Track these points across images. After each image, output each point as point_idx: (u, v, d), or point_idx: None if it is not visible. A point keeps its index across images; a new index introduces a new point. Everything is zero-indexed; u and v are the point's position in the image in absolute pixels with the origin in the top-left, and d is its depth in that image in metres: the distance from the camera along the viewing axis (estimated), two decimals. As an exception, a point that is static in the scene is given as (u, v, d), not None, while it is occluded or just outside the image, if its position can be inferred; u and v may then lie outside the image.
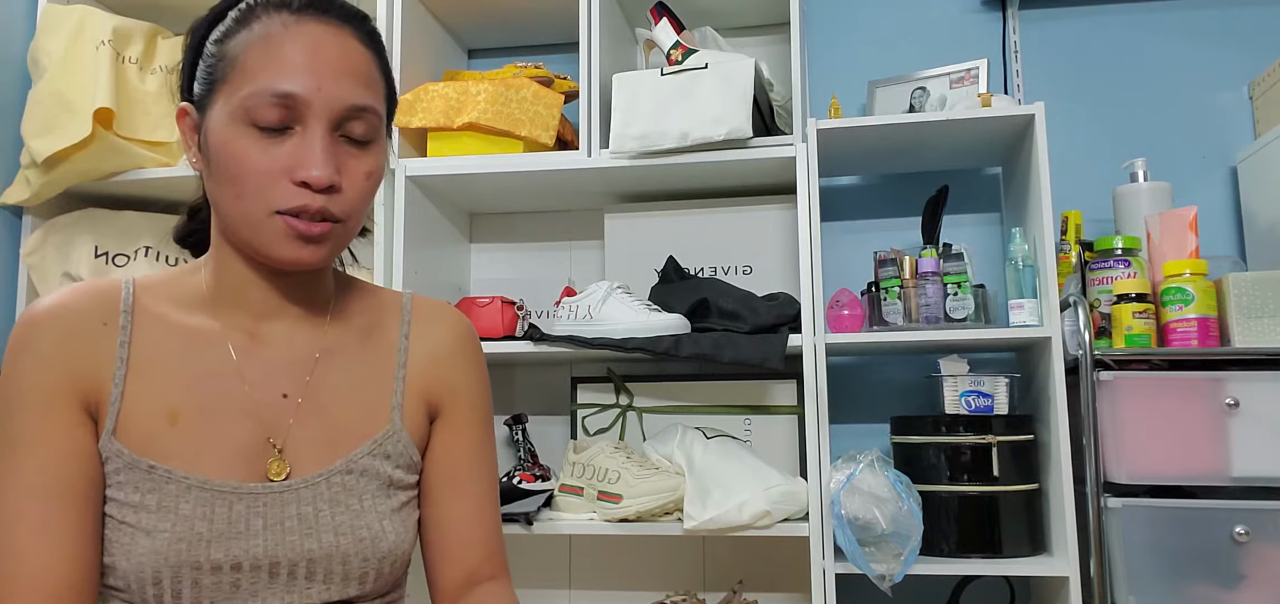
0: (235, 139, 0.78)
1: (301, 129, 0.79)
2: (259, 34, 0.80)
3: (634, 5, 1.95)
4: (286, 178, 0.78)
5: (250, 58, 0.79)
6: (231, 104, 0.79)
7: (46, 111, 1.78)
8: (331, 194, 0.80)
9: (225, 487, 0.81)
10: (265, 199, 0.78)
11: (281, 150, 0.78)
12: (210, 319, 0.87)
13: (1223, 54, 1.95)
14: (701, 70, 1.69)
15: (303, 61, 0.79)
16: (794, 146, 1.67)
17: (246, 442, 0.84)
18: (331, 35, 0.81)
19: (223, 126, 0.80)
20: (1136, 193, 1.75)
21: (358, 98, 0.81)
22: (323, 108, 0.79)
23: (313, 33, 0.80)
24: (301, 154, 0.78)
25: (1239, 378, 1.51)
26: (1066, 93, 1.99)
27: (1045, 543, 1.64)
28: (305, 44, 0.79)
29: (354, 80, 0.81)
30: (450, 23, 2.10)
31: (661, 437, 1.75)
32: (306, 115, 0.79)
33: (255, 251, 0.82)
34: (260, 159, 0.78)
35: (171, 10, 2.08)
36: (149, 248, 1.90)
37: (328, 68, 0.79)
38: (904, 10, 2.09)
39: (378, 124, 0.84)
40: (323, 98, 0.79)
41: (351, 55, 0.82)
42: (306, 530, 0.83)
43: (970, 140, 1.78)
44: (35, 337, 0.80)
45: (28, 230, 1.90)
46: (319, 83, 0.79)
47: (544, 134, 1.78)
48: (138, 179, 1.85)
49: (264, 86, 0.78)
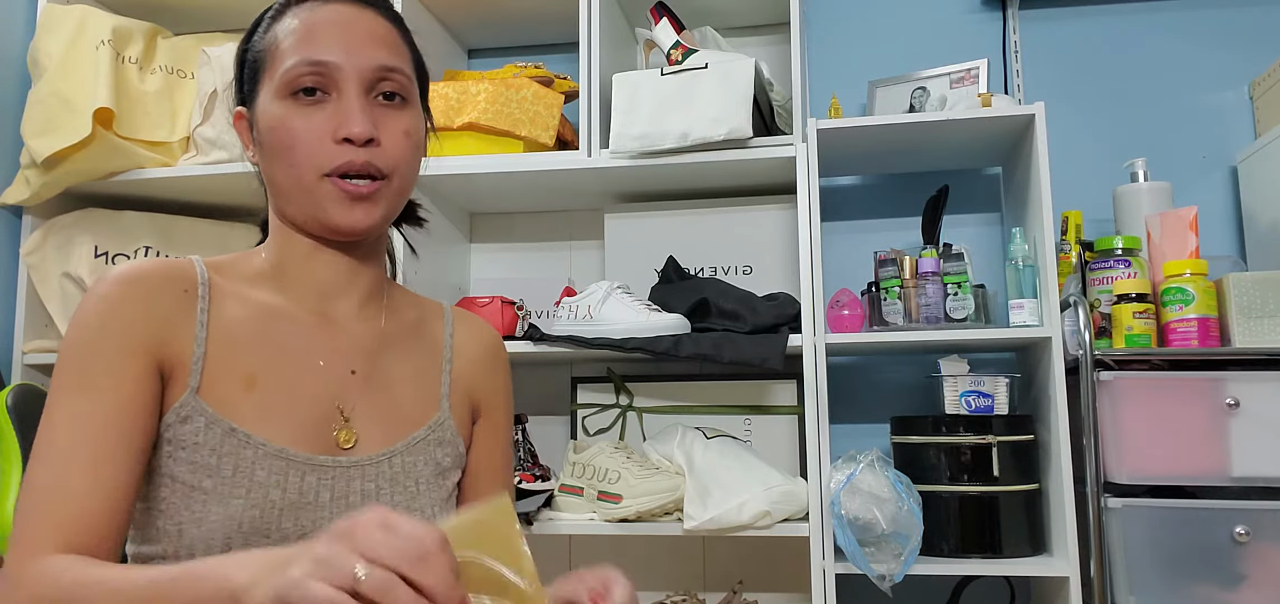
0: (280, 114, 0.85)
1: (337, 94, 0.86)
2: (290, 22, 0.88)
3: (634, 5, 1.95)
4: (329, 139, 0.84)
5: (285, 41, 0.87)
6: (273, 85, 0.86)
7: (46, 111, 1.78)
8: (373, 148, 0.85)
9: (298, 457, 0.84)
10: (314, 162, 0.84)
11: (322, 114, 0.85)
12: (278, 296, 0.91)
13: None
14: (701, 70, 1.69)
15: (332, 33, 0.86)
16: (794, 146, 1.67)
17: (317, 412, 0.87)
18: (356, 12, 0.89)
19: (268, 107, 0.87)
20: (1137, 193, 1.75)
21: (385, 59, 0.88)
22: (354, 71, 0.86)
23: (339, 11, 0.88)
24: (340, 115, 0.85)
25: (1239, 378, 1.51)
26: (1066, 93, 1.99)
27: (1045, 543, 1.64)
28: (333, 18, 0.87)
29: (380, 45, 0.88)
30: (450, 23, 2.10)
31: (661, 437, 1.75)
32: (340, 80, 0.85)
33: (312, 219, 0.87)
34: (304, 126, 0.85)
35: (171, 10, 2.08)
36: (149, 248, 1.90)
37: (355, 37, 0.87)
38: (904, 10, 2.09)
39: (408, 84, 0.90)
40: (353, 63, 0.86)
41: (376, 25, 0.89)
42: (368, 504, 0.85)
43: (970, 140, 1.78)
44: (117, 290, 0.83)
45: (28, 230, 1.90)
46: (348, 49, 0.86)
47: (544, 134, 1.78)
48: (137, 179, 1.85)
49: (299, 58, 0.85)
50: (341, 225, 0.86)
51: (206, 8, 2.09)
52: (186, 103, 1.93)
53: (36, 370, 1.88)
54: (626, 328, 1.66)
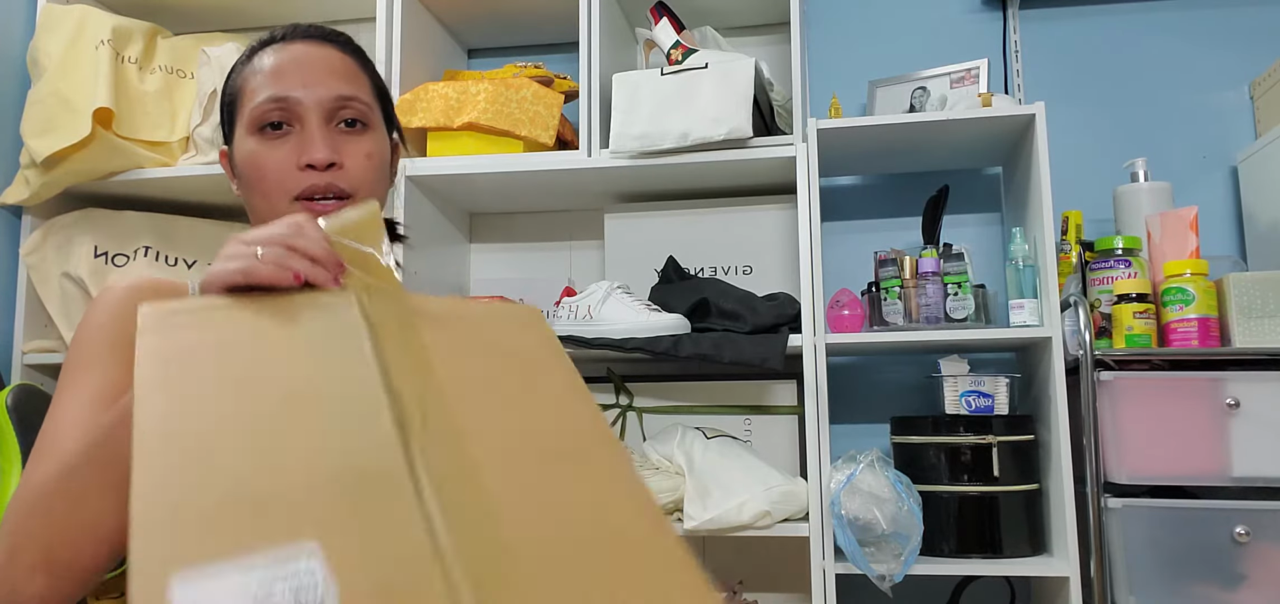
0: (252, 149, 0.92)
1: (300, 126, 0.92)
2: (256, 64, 0.95)
3: (634, 5, 1.95)
4: (294, 167, 0.91)
5: (252, 82, 0.94)
6: (244, 123, 0.93)
7: (46, 111, 1.78)
8: (335, 171, 0.91)
9: None
10: (283, 188, 0.91)
11: (287, 145, 0.92)
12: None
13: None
14: (701, 70, 1.68)
15: (293, 70, 0.93)
16: (794, 146, 1.67)
17: None
18: (313, 48, 0.96)
19: (242, 143, 0.94)
20: (1137, 193, 1.75)
21: (342, 88, 0.94)
22: (314, 103, 0.92)
23: (297, 49, 0.95)
24: (302, 144, 0.91)
25: (1239, 378, 1.51)
26: (1067, 93, 1.99)
27: (1045, 543, 1.64)
28: (294, 57, 0.94)
29: (336, 77, 0.94)
30: (450, 23, 2.10)
31: (661, 437, 1.74)
32: (301, 113, 0.92)
33: None
34: (271, 156, 0.91)
35: (171, 10, 2.08)
36: (149, 248, 1.90)
37: (314, 72, 0.93)
38: (904, 10, 2.09)
39: (367, 110, 0.96)
40: (312, 95, 0.92)
41: (332, 59, 0.96)
42: None
43: (970, 140, 1.78)
44: (111, 294, 0.89)
45: (27, 230, 1.90)
46: (307, 83, 0.92)
47: (544, 134, 1.78)
48: (137, 179, 1.85)
49: (265, 96, 0.92)
50: None
51: (206, 8, 2.09)
52: (186, 103, 1.93)
53: (36, 370, 1.88)
54: (626, 328, 1.66)
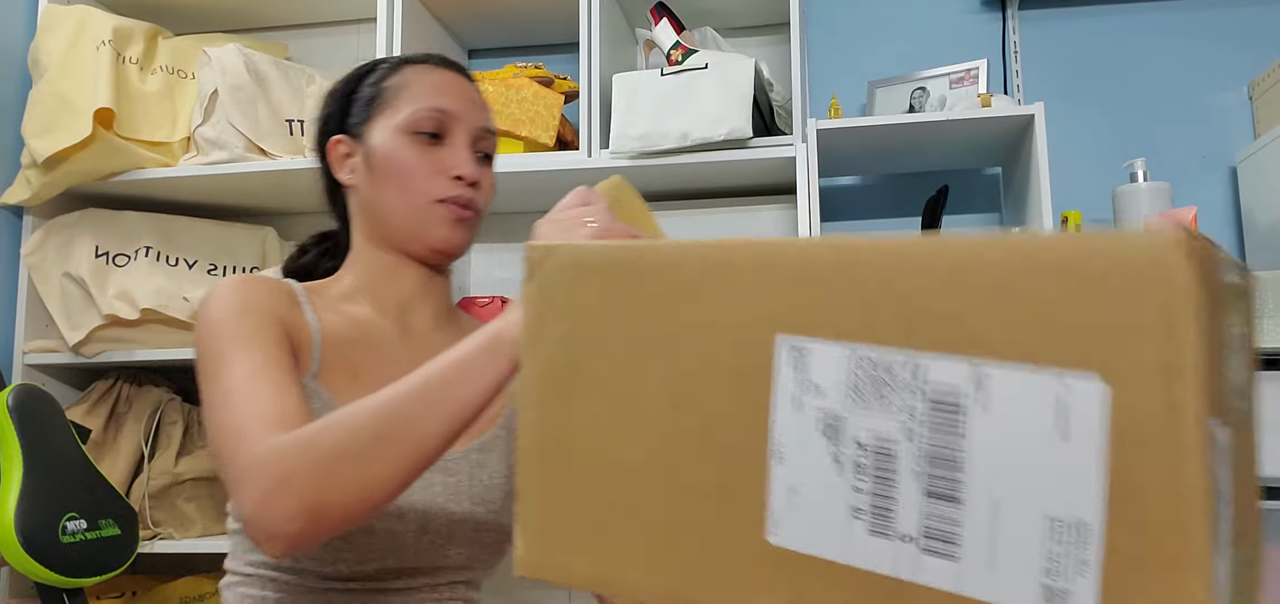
0: (401, 147, 0.99)
1: (449, 140, 1.00)
2: (414, 74, 1.03)
3: (634, 5, 1.95)
4: (443, 175, 0.99)
5: (411, 87, 1.01)
6: (394, 122, 1.00)
7: (47, 111, 1.78)
8: (474, 189, 1.00)
9: None
10: (427, 189, 0.98)
11: (437, 154, 0.99)
12: (364, 308, 1.01)
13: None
14: (701, 70, 1.69)
15: (452, 90, 1.02)
16: (794, 146, 1.67)
17: None
18: (464, 81, 1.06)
19: (387, 139, 1.00)
20: (1136, 193, 1.75)
21: (488, 122, 1.05)
22: (466, 125, 1.01)
23: (453, 76, 1.04)
24: (454, 157, 1.00)
25: (1239, 378, 1.50)
26: (1066, 93, 1.99)
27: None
28: (452, 80, 1.04)
29: (483, 111, 1.05)
30: (450, 23, 2.10)
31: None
32: (455, 128, 1.01)
33: (415, 237, 0.99)
34: (422, 161, 0.99)
35: (172, 10, 2.08)
36: (149, 248, 1.90)
37: (469, 100, 1.03)
38: (904, 10, 2.09)
39: (495, 149, 1.06)
40: (467, 118, 1.02)
41: (479, 96, 1.06)
42: (451, 495, 0.94)
43: (970, 140, 1.78)
44: (243, 281, 0.91)
45: (28, 230, 1.90)
46: (463, 107, 1.02)
47: (544, 134, 1.78)
48: (138, 179, 1.85)
49: (426, 104, 1.00)
50: (443, 241, 0.99)
51: (206, 8, 2.09)
52: (187, 103, 1.93)
53: (37, 370, 1.89)
54: (626, 328, 1.66)
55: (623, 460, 0.54)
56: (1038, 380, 0.42)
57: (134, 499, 1.79)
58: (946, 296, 0.44)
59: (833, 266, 0.48)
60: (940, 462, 0.44)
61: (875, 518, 0.46)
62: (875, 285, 0.46)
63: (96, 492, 1.47)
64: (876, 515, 0.46)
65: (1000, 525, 0.43)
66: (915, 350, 0.45)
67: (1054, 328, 0.42)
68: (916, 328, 0.45)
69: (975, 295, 0.44)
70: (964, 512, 0.44)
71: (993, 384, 0.43)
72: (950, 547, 0.44)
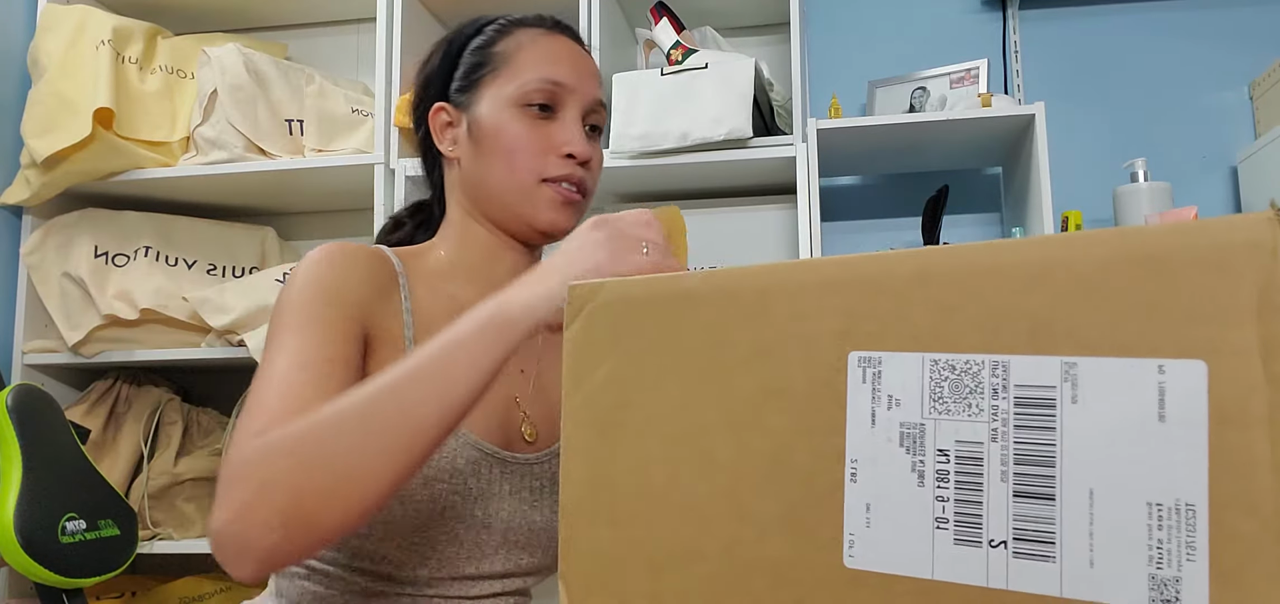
0: (509, 121, 0.92)
1: (561, 113, 0.94)
2: (526, 39, 0.95)
3: (634, 5, 1.95)
4: (553, 153, 0.92)
5: (521, 55, 0.94)
6: (504, 93, 0.93)
7: (46, 111, 1.78)
8: (586, 168, 0.94)
9: (490, 449, 0.88)
10: (535, 169, 0.92)
11: (547, 129, 0.93)
12: (461, 289, 0.95)
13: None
14: (701, 70, 1.69)
15: (567, 60, 0.95)
16: (794, 146, 1.67)
17: (500, 404, 0.92)
18: (578, 47, 0.98)
19: (495, 111, 0.93)
20: (1137, 193, 1.75)
21: (600, 94, 0.98)
22: (579, 97, 0.95)
23: (567, 43, 0.97)
24: (565, 133, 0.93)
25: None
26: (1066, 93, 1.99)
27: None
28: (565, 49, 0.96)
29: (595, 81, 0.98)
30: (450, 23, 2.09)
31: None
32: (567, 101, 0.94)
33: (517, 217, 0.93)
34: (531, 136, 0.92)
35: (171, 10, 2.08)
36: (149, 248, 1.90)
37: (582, 70, 0.96)
38: (904, 10, 2.09)
39: (605, 123, 1.00)
40: (581, 89, 0.95)
41: (592, 64, 0.99)
42: (533, 502, 0.91)
43: (970, 140, 1.78)
44: (335, 254, 0.84)
45: (28, 230, 1.90)
46: (577, 78, 0.95)
47: (544, 134, 1.78)
48: (137, 179, 1.85)
49: (537, 75, 0.93)
50: (550, 224, 0.93)
51: (206, 8, 2.09)
52: (186, 103, 1.93)
53: (36, 370, 1.88)
54: (626, 328, 1.66)
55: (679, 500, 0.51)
56: (1132, 368, 0.41)
57: (133, 499, 1.79)
58: (1030, 297, 0.44)
59: (906, 277, 0.47)
60: (1030, 460, 0.43)
61: (961, 527, 0.45)
62: (953, 292, 0.46)
63: (96, 492, 1.47)
64: (962, 524, 0.45)
65: (1099, 519, 0.42)
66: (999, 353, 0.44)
67: (1146, 317, 0.41)
68: (999, 330, 0.44)
69: (1060, 293, 0.43)
70: (1059, 510, 0.43)
71: (1084, 377, 0.42)
72: (1046, 547, 0.43)
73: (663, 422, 0.53)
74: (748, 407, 0.50)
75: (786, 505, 0.49)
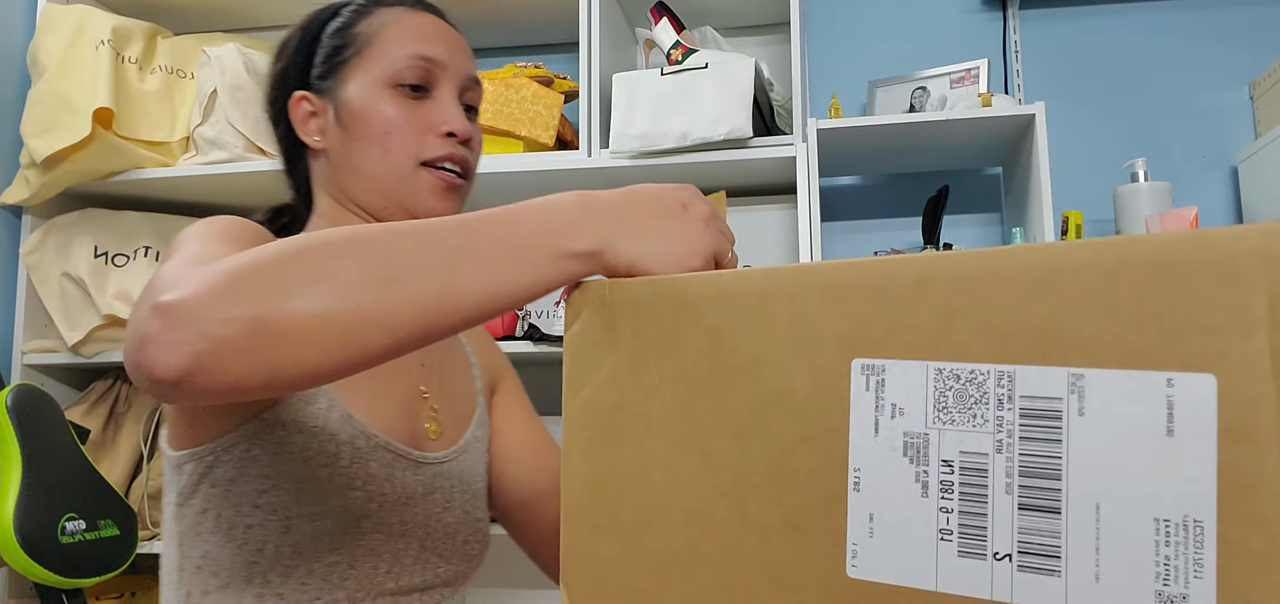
0: (380, 102, 0.86)
1: (436, 92, 0.89)
2: (390, 17, 0.90)
3: (634, 5, 1.95)
4: (431, 133, 0.87)
5: (387, 33, 0.89)
6: (371, 74, 0.87)
7: (46, 111, 1.78)
8: (466, 146, 0.89)
9: (402, 450, 0.84)
10: (413, 151, 0.86)
11: (422, 109, 0.87)
12: None
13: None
14: (701, 70, 1.68)
15: (435, 35, 0.90)
16: (794, 146, 1.67)
17: (404, 399, 0.88)
18: (446, 24, 0.94)
19: (364, 94, 0.87)
20: (1137, 193, 1.75)
21: (474, 70, 0.93)
22: (454, 73, 0.90)
23: (433, 19, 0.92)
24: (443, 112, 0.88)
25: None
26: (1067, 93, 1.99)
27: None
28: (433, 25, 0.91)
29: (469, 57, 0.93)
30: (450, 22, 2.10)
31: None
32: (441, 79, 0.89)
33: (396, 205, 0.87)
34: (406, 116, 0.86)
35: (171, 10, 2.08)
36: (148, 248, 1.90)
37: (453, 43, 0.91)
38: (904, 10, 2.09)
39: (480, 101, 0.95)
40: (454, 65, 0.90)
41: (463, 40, 0.94)
42: (446, 505, 0.87)
43: (970, 140, 1.78)
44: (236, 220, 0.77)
45: (27, 230, 1.90)
46: (450, 54, 0.90)
47: (544, 134, 1.78)
48: (137, 179, 1.85)
49: (407, 52, 0.87)
50: (430, 212, 0.86)
51: (206, 8, 2.09)
52: (186, 103, 1.93)
53: (36, 370, 1.88)
54: (626, 328, 1.66)
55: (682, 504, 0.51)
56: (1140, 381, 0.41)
57: (133, 499, 1.79)
58: (1036, 305, 0.43)
59: (910, 284, 0.46)
60: (1036, 473, 0.43)
61: (965, 539, 0.44)
62: (959, 299, 0.45)
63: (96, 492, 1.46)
64: (967, 536, 0.44)
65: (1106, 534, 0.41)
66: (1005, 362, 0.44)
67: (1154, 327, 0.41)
68: (1005, 339, 0.44)
69: (1067, 301, 0.42)
70: (1065, 524, 0.42)
71: (1091, 389, 0.42)
72: (1051, 562, 0.42)
73: (665, 424, 0.52)
74: (750, 410, 0.50)
75: (789, 512, 0.48)
